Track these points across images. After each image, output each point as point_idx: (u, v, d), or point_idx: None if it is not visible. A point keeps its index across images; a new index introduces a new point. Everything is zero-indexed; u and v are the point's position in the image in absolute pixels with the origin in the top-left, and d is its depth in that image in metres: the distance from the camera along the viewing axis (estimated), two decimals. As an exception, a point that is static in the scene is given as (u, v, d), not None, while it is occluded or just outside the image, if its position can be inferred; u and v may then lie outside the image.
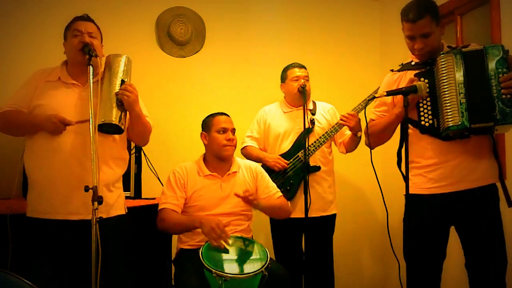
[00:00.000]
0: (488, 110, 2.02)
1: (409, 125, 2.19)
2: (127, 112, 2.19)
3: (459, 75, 2.06)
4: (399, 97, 2.25)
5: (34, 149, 2.19)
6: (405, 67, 2.34)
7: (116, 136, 2.24)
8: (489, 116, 2.02)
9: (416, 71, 2.22)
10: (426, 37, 2.16)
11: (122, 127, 2.16)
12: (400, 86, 2.26)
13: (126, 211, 2.35)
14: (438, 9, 2.20)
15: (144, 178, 3.01)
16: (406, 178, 2.08)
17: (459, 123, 2.03)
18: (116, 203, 2.26)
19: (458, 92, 2.05)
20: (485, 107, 2.02)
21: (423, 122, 2.16)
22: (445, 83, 2.08)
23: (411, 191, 2.21)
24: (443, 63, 2.10)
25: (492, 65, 2.02)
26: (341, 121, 2.84)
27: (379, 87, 2.57)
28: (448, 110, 2.05)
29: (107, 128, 2.14)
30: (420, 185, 2.21)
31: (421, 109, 2.16)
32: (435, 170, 2.19)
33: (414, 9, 2.15)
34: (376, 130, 2.34)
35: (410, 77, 2.21)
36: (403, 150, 2.18)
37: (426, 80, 2.14)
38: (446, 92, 2.07)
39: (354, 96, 3.04)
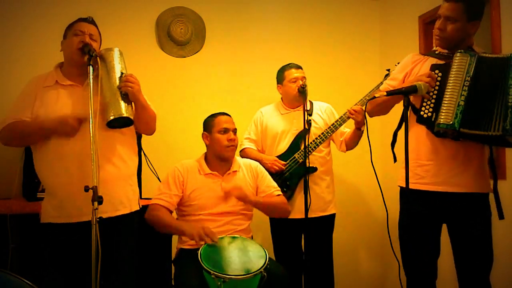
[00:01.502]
0: (484, 120, 2.00)
1: (410, 108, 2.18)
2: (132, 103, 2.19)
3: (468, 78, 2.05)
4: (409, 77, 2.27)
5: (45, 155, 2.17)
6: (429, 53, 2.34)
7: (124, 129, 2.24)
8: (484, 126, 2.00)
9: (435, 61, 2.22)
10: (448, 21, 2.15)
11: (132, 118, 2.16)
12: (416, 70, 2.27)
13: (140, 206, 2.38)
14: (479, 7, 2.17)
15: (144, 178, 3.01)
16: (406, 171, 2.08)
17: (450, 123, 2.03)
18: (133, 198, 2.30)
19: (460, 94, 2.05)
20: (481, 115, 2.01)
21: (422, 113, 2.16)
22: (451, 81, 2.08)
23: (399, 183, 2.28)
24: (457, 61, 2.09)
25: None
26: (349, 114, 2.85)
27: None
28: (445, 108, 2.06)
29: (116, 123, 2.14)
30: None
31: (425, 99, 2.15)
32: (421, 167, 2.21)
33: None
34: (375, 100, 2.35)
35: (428, 67, 2.21)
36: (398, 133, 2.19)
37: (440, 73, 2.14)
38: (449, 90, 2.07)
39: (353, 96, 3.04)
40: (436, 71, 2.15)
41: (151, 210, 2.54)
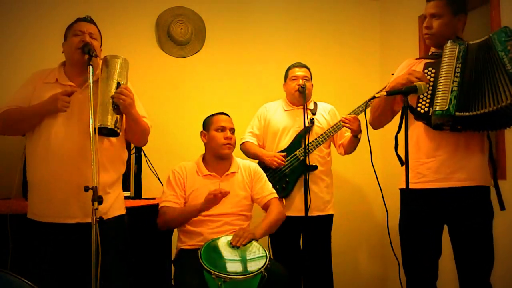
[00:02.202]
0: (477, 100, 2.02)
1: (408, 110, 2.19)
2: (123, 115, 2.17)
3: (459, 64, 2.07)
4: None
5: (33, 151, 2.18)
6: (423, 56, 2.37)
7: (113, 138, 2.23)
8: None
9: (429, 60, 2.24)
10: (434, 18, 2.19)
11: (118, 130, 2.14)
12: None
13: (125, 211, 2.35)
14: (462, 1, 2.22)
15: (144, 178, 3.01)
16: (406, 171, 2.07)
17: (445, 108, 2.04)
18: (115, 203, 2.26)
19: (452, 80, 2.06)
20: (474, 97, 2.02)
21: (419, 109, 2.17)
22: (443, 71, 2.09)
23: (400, 185, 2.27)
24: (447, 50, 2.11)
25: (503, 52, 1.99)
26: (343, 123, 2.85)
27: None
28: (439, 96, 2.07)
29: (103, 131, 2.12)
30: (409, 179, 2.21)
31: (421, 96, 2.16)
32: (423, 165, 2.21)
33: None
34: (374, 105, 2.37)
35: (422, 66, 2.23)
36: (399, 135, 2.19)
37: (433, 70, 2.16)
38: (442, 79, 2.08)
39: (353, 96, 3.05)
40: (430, 68, 2.18)
41: (161, 214, 2.56)
